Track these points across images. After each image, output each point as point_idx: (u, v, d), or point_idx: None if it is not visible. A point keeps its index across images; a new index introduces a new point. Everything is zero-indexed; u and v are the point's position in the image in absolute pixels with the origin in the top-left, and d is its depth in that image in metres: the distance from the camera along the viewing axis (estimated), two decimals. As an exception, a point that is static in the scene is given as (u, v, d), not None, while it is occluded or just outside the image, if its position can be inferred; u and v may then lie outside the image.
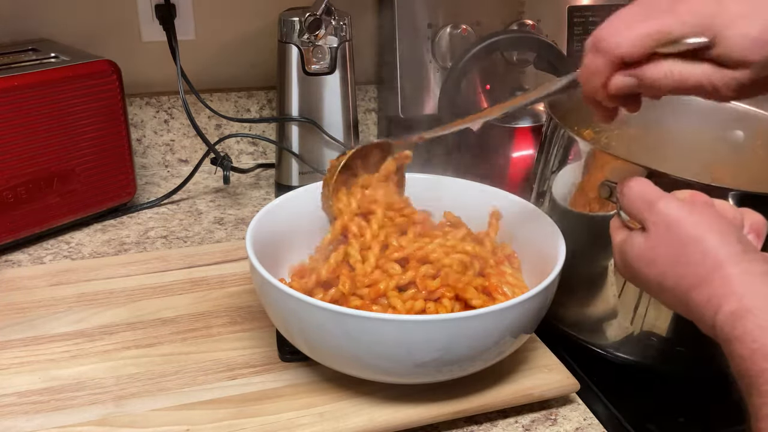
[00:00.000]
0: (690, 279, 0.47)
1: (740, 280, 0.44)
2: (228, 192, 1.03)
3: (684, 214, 0.48)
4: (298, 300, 0.56)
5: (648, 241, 0.49)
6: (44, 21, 0.99)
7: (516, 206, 0.72)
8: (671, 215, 0.48)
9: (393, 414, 0.59)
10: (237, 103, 1.09)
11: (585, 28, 1.10)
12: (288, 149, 0.97)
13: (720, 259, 0.45)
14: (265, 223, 0.67)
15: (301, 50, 0.93)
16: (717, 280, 0.45)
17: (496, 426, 0.61)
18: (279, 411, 0.59)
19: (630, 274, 0.52)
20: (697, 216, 0.48)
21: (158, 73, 1.04)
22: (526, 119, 0.93)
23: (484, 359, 0.59)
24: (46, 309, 0.72)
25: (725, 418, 0.62)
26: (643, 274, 0.50)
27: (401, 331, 0.54)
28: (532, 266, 0.69)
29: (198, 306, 0.73)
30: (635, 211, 0.51)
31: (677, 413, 0.62)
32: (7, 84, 0.79)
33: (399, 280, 0.61)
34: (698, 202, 0.49)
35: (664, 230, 0.48)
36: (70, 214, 0.89)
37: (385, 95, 1.12)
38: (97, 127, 0.87)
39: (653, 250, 0.49)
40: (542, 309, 0.60)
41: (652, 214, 0.49)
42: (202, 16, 1.05)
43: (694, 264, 0.46)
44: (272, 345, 0.67)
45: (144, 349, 0.66)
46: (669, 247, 0.48)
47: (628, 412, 0.62)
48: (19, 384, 0.62)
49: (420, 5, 1.02)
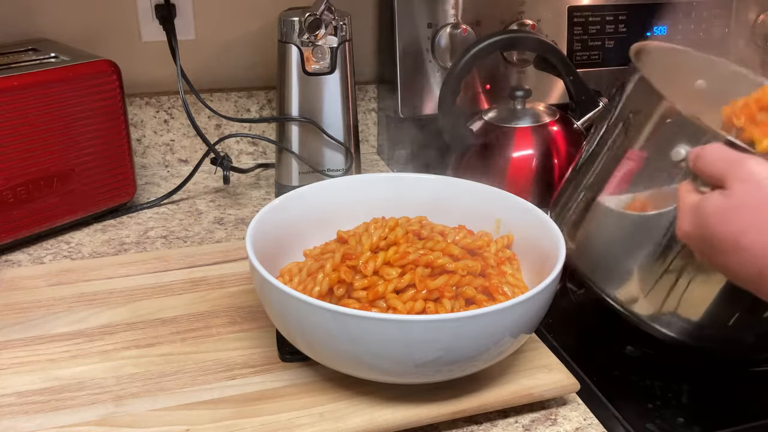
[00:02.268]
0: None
1: None
2: (228, 192, 1.03)
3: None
4: (298, 300, 0.56)
5: (729, 199, 0.49)
6: (44, 21, 0.99)
7: (516, 206, 0.72)
8: (762, 173, 0.48)
9: (393, 414, 0.59)
10: (237, 103, 1.09)
11: (585, 28, 1.10)
12: (288, 149, 0.97)
13: None
14: (265, 223, 0.67)
15: (301, 50, 0.93)
16: None
17: (496, 426, 0.61)
18: (279, 411, 0.59)
19: (699, 233, 0.51)
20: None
21: (158, 73, 1.04)
22: (526, 119, 0.93)
23: (484, 359, 0.59)
24: (46, 309, 0.72)
25: (725, 418, 0.62)
26: (719, 231, 0.49)
27: (401, 331, 0.54)
28: (532, 266, 0.69)
29: (198, 306, 0.73)
30: (716, 171, 0.51)
31: (677, 413, 0.62)
32: (7, 84, 0.79)
33: (397, 283, 0.61)
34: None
35: (753, 188, 0.48)
36: (70, 214, 0.89)
37: (385, 95, 1.12)
38: (97, 127, 0.88)
39: (736, 208, 0.48)
40: (542, 309, 0.60)
41: (740, 172, 0.49)
42: (202, 16, 1.05)
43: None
44: (272, 345, 0.67)
45: (144, 349, 0.66)
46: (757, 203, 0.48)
47: (628, 412, 0.62)
48: (19, 384, 0.62)
49: (420, 5, 1.02)
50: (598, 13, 1.10)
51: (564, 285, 0.79)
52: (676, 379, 0.66)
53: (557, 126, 0.93)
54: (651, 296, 0.64)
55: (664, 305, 0.64)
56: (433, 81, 1.06)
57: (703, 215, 0.51)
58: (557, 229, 0.66)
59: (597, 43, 1.11)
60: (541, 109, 0.95)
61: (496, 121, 0.95)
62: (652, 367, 0.68)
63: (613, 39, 1.12)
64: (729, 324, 0.62)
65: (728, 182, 0.50)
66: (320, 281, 0.61)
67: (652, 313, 0.65)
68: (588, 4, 1.10)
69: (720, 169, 0.50)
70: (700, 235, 0.52)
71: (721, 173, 0.50)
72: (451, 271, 0.62)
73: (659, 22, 1.13)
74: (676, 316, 0.64)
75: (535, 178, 0.92)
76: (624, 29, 1.12)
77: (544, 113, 0.95)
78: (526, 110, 0.95)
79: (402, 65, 1.04)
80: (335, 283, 0.61)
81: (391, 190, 0.76)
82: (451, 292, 0.62)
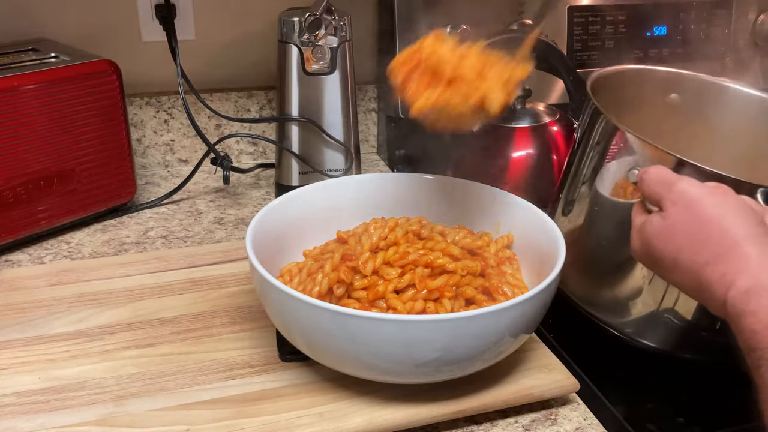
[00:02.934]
0: (705, 255, 0.48)
1: (758, 260, 0.46)
2: (228, 192, 1.03)
3: (705, 193, 0.50)
4: (298, 300, 0.56)
5: (666, 219, 0.51)
6: (44, 21, 0.99)
7: (516, 206, 0.72)
8: (692, 193, 0.50)
9: (393, 414, 0.59)
10: (237, 103, 1.09)
11: (585, 28, 1.10)
12: (288, 149, 0.97)
13: (738, 239, 0.47)
14: (265, 223, 0.67)
15: (301, 50, 0.93)
16: (734, 258, 0.46)
17: (496, 426, 0.61)
18: (279, 411, 0.59)
19: (645, 252, 0.54)
20: (719, 197, 0.49)
21: (158, 73, 1.04)
22: (526, 119, 0.93)
23: (484, 359, 0.59)
24: (46, 309, 0.72)
25: (725, 418, 0.62)
26: (658, 250, 0.52)
27: (401, 331, 0.54)
28: (532, 266, 0.69)
29: (198, 306, 0.73)
30: (654, 193, 0.53)
31: (677, 413, 0.62)
32: (7, 84, 0.79)
33: (397, 284, 0.61)
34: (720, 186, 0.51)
35: (683, 208, 0.50)
36: (70, 214, 0.89)
37: (385, 95, 1.12)
38: (97, 127, 0.87)
39: (671, 227, 0.50)
40: (542, 309, 0.60)
41: (671, 194, 0.51)
42: (202, 16, 1.05)
43: (711, 241, 0.48)
44: (272, 345, 0.66)
45: (144, 349, 0.66)
46: (687, 224, 0.49)
47: (628, 412, 0.62)
48: (19, 384, 0.62)
49: (420, 5, 1.02)
50: (598, 13, 1.10)
51: (564, 285, 0.80)
52: (676, 379, 0.66)
53: (557, 126, 0.93)
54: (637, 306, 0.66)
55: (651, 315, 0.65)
56: (433, 81, 1.05)
57: (646, 236, 0.53)
58: (557, 229, 0.66)
59: (597, 43, 1.11)
60: (541, 109, 0.95)
61: (496, 121, 0.95)
62: (652, 367, 0.68)
63: (613, 39, 1.12)
64: (716, 328, 0.63)
65: (664, 204, 0.52)
66: (320, 281, 0.61)
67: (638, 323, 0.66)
68: (588, 4, 1.10)
69: (656, 192, 0.53)
70: (645, 254, 0.54)
71: (658, 195, 0.53)
72: (451, 271, 0.62)
73: (659, 22, 1.13)
74: (661, 326, 0.65)
75: (535, 178, 0.92)
76: (624, 29, 1.12)
77: (544, 113, 0.95)
78: (526, 110, 0.94)
79: (402, 65, 1.04)
80: (335, 283, 0.61)
81: (391, 190, 0.77)
82: (451, 292, 0.62)
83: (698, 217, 0.49)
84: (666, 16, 1.13)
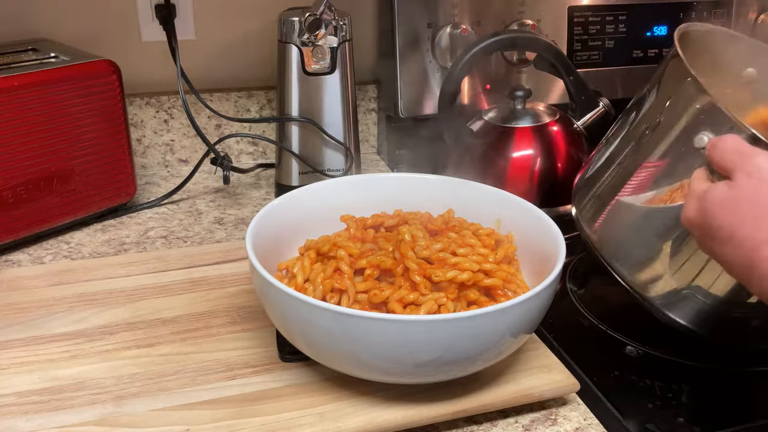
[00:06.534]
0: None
1: None
2: (228, 192, 1.03)
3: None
4: (298, 300, 0.56)
5: (733, 190, 0.50)
6: (44, 21, 0.99)
7: (516, 206, 0.72)
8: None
9: (393, 414, 0.59)
10: (237, 103, 1.09)
11: (585, 28, 1.10)
12: (288, 149, 0.97)
13: None
14: (265, 223, 0.67)
15: (301, 50, 0.93)
16: None
17: (496, 426, 0.61)
18: (279, 411, 0.59)
19: (701, 220, 0.53)
20: None
21: (158, 73, 1.04)
22: (526, 119, 0.93)
23: (484, 359, 0.59)
24: (46, 309, 0.72)
25: (725, 418, 0.62)
26: (717, 219, 0.51)
27: (401, 331, 0.54)
28: (532, 266, 0.69)
29: (198, 306, 0.73)
30: (726, 162, 0.52)
31: (677, 413, 0.62)
32: (7, 84, 0.79)
33: (405, 297, 0.61)
34: None
35: (757, 181, 0.49)
36: (70, 214, 0.89)
37: (385, 95, 1.12)
38: (97, 127, 0.87)
39: (737, 199, 0.50)
40: (542, 309, 0.60)
41: (747, 165, 0.50)
42: (202, 16, 1.05)
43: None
44: (272, 345, 0.66)
45: (144, 349, 0.66)
46: (757, 198, 0.49)
47: (628, 412, 0.62)
48: (19, 384, 0.62)
49: (420, 5, 1.02)
50: (598, 13, 1.10)
51: (564, 285, 0.80)
52: (676, 379, 0.66)
53: (557, 126, 0.93)
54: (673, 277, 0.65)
55: (683, 287, 0.64)
56: (433, 81, 1.06)
57: (707, 204, 0.52)
58: (557, 229, 0.66)
59: (597, 43, 1.11)
60: (541, 109, 0.95)
61: (496, 121, 0.95)
62: (652, 367, 0.67)
63: (613, 39, 1.12)
64: (749, 301, 0.62)
65: (735, 174, 0.51)
66: (315, 289, 0.62)
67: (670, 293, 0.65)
68: (588, 4, 1.10)
69: (731, 160, 0.52)
70: (701, 223, 0.53)
71: (731, 165, 0.51)
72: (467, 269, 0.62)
73: (659, 22, 1.13)
74: (692, 298, 0.64)
75: (535, 178, 0.92)
76: (624, 29, 1.12)
77: (544, 113, 0.95)
78: (526, 110, 0.95)
79: (402, 65, 1.04)
80: (328, 291, 0.61)
81: (391, 190, 0.76)
82: (454, 293, 0.61)
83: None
84: (666, 16, 1.13)
